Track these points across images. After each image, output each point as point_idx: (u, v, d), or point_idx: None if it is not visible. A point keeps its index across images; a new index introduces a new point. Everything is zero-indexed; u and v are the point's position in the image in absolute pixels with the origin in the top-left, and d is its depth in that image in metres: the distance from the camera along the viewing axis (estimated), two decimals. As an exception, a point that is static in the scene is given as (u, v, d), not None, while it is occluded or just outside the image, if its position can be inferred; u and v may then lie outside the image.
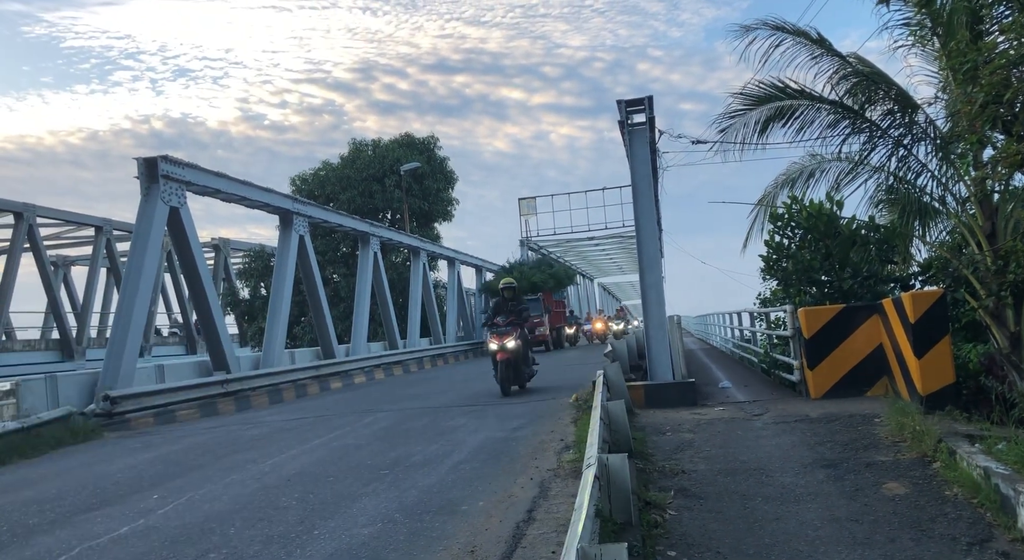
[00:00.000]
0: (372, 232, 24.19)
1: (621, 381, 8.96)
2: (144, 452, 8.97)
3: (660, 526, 4.53)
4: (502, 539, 4.36)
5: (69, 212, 29.00)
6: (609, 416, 6.32)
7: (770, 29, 9.86)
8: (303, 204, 20.25)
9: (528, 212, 41.70)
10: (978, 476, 4.57)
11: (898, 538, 4.10)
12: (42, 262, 26.55)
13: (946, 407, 6.83)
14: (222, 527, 5.03)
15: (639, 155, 10.99)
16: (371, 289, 23.85)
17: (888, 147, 9.72)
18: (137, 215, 14.04)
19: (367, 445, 8.14)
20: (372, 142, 36.76)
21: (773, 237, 11.48)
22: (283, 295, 18.11)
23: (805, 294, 10.93)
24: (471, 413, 10.21)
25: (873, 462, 5.68)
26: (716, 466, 6.02)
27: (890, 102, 9.69)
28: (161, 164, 13.90)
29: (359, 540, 4.54)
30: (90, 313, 31.61)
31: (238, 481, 6.56)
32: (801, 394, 9.36)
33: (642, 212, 10.92)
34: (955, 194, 9.59)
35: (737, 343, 17.81)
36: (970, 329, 9.94)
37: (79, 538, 4.77)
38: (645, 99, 10.91)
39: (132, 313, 13.31)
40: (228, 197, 16.77)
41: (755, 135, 10.43)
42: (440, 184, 36.69)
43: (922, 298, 7.50)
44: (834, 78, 9.80)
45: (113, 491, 6.38)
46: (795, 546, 4.10)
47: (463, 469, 6.46)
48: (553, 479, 5.78)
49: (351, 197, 33.47)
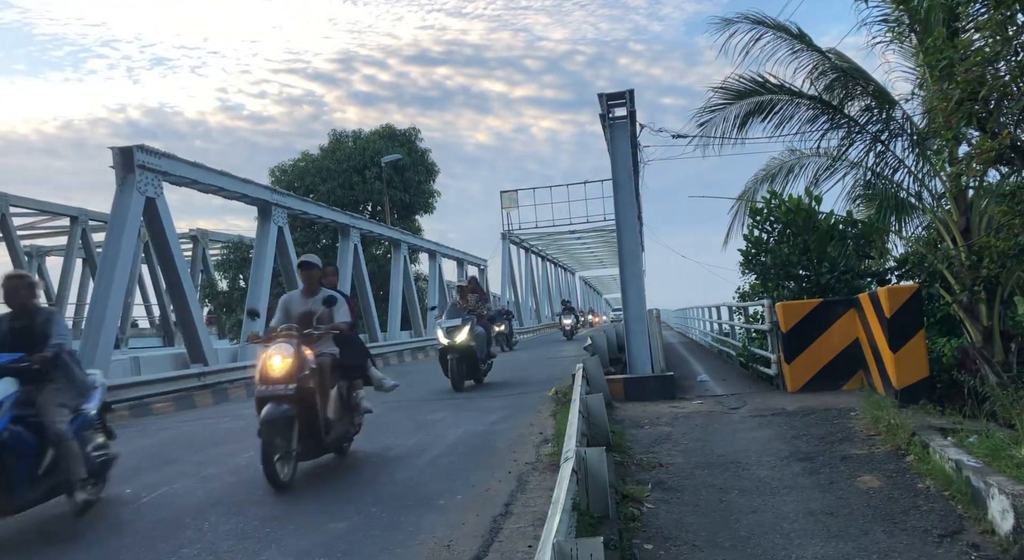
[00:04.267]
0: (352, 224, 24.05)
1: (600, 375, 8.98)
2: (118, 445, 8.81)
3: (637, 519, 4.55)
4: (479, 534, 4.35)
5: (43, 202, 28.57)
6: (588, 409, 6.33)
7: (751, 23, 9.89)
8: (282, 195, 20.08)
9: (510, 205, 41.64)
10: (950, 469, 4.63)
11: (871, 530, 4.14)
12: (15, 252, 26.16)
13: (920, 401, 6.91)
14: (196, 522, 4.98)
15: (620, 149, 10.99)
16: (351, 281, 23.72)
17: (866, 143, 9.81)
18: (112, 205, 13.84)
19: (345, 438, 8.08)
20: (353, 133, 36.56)
21: (752, 232, 11.55)
22: (262, 287, 17.95)
23: (783, 288, 11.01)
24: (451, 407, 10.19)
25: (848, 455, 5.74)
26: (693, 459, 6.05)
27: (868, 98, 9.77)
28: (137, 154, 13.71)
29: (336, 534, 4.52)
30: (65, 304, 31.20)
31: (214, 475, 6.49)
32: (778, 388, 9.43)
33: (622, 206, 10.94)
34: (931, 190, 9.70)
35: (716, 337, 17.92)
36: (944, 323, 10.07)
37: (51, 532, 4.70)
38: (626, 92, 10.91)
39: (107, 304, 13.13)
40: (205, 188, 16.57)
41: (735, 130, 10.48)
42: (421, 176, 36.56)
43: (897, 293, 7.58)
44: (813, 73, 9.87)
45: (86, 485, 6.28)
46: (770, 538, 4.13)
47: (441, 463, 6.44)
48: (531, 472, 5.78)
49: (331, 188, 33.26)
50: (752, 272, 11.87)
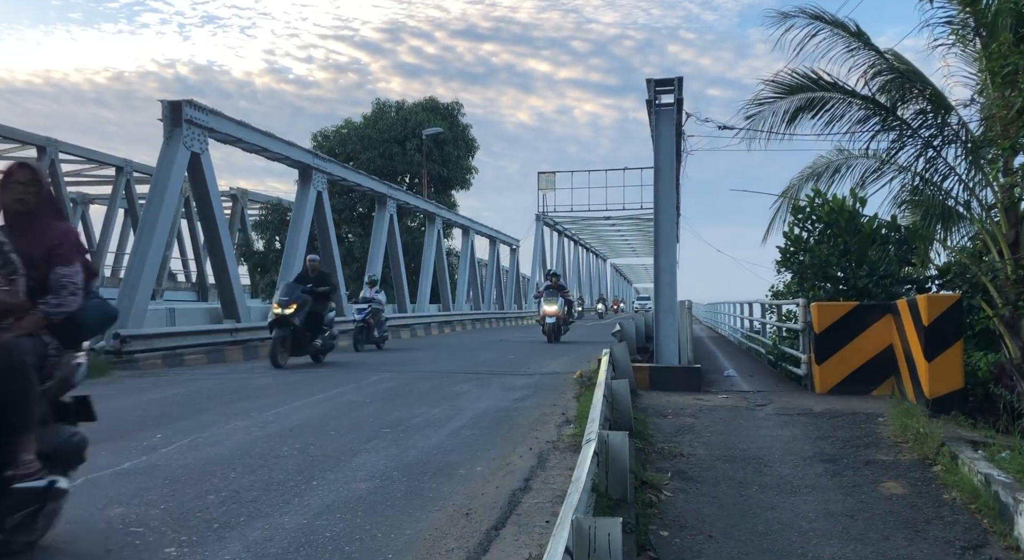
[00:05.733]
0: (390, 194, 24.17)
1: (627, 361, 8.96)
2: (151, 392, 9.09)
3: (654, 506, 4.56)
4: (497, 505, 4.40)
5: (91, 150, 29.08)
6: (612, 394, 6.33)
7: (808, 18, 9.68)
8: (324, 160, 20.22)
9: (547, 187, 41.51)
10: (979, 482, 4.56)
11: (892, 536, 4.10)
12: (62, 197, 26.67)
13: (952, 412, 6.81)
14: (223, 470, 5.10)
15: (664, 136, 10.89)
16: (384, 251, 23.89)
17: (917, 147, 9.58)
18: (159, 157, 14.07)
19: (371, 403, 8.21)
20: (396, 104, 36.62)
21: (793, 229, 11.39)
22: (297, 249, 18.16)
23: (819, 289, 10.87)
24: (475, 381, 10.27)
25: (873, 460, 5.68)
26: (715, 452, 6.03)
27: (923, 101, 9.53)
28: (186, 108, 13.90)
29: (357, 494, 4.60)
30: (105, 252, 31.85)
31: (242, 428, 6.63)
32: (806, 388, 9.35)
33: (662, 194, 10.85)
34: (981, 200, 9.46)
35: (745, 333, 17.78)
36: (982, 337, 9.86)
37: (82, 470, 4.84)
38: (675, 80, 10.78)
39: (147, 254, 13.40)
40: (250, 147, 16.76)
41: (783, 125, 10.29)
42: (461, 151, 36.59)
43: (938, 301, 7.45)
44: (868, 73, 9.64)
45: (119, 427, 6.46)
46: (788, 536, 4.12)
47: (463, 434, 6.51)
48: (552, 451, 5.81)
49: (371, 157, 33.41)
50: (788, 270, 11.73)
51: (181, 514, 4.16)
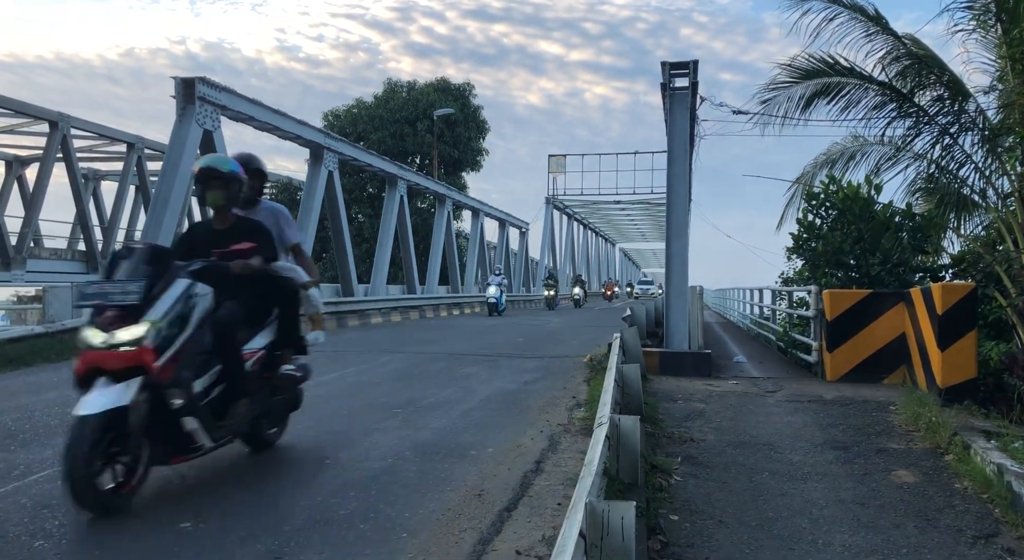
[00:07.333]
0: (400, 175, 24.13)
1: (637, 345, 8.96)
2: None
3: (665, 490, 4.58)
4: (509, 486, 4.42)
5: (103, 126, 29.05)
6: (623, 378, 6.34)
7: (826, 1, 9.57)
8: (335, 140, 20.18)
9: (557, 170, 41.36)
10: (991, 472, 4.56)
11: (902, 524, 4.11)
12: (73, 173, 26.67)
13: (964, 401, 6.79)
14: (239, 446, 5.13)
15: (678, 120, 10.81)
16: (394, 232, 23.89)
17: (933, 135, 9.49)
18: (171, 134, 14.07)
19: (382, 383, 8.25)
20: (407, 84, 36.46)
21: (806, 216, 11.33)
22: (308, 230, 18.17)
23: (831, 276, 10.82)
24: (485, 363, 10.30)
25: (884, 448, 5.68)
26: (725, 437, 6.04)
27: (941, 88, 9.42)
28: (198, 85, 13.87)
29: (370, 473, 4.63)
30: (116, 228, 31.90)
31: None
32: (817, 375, 9.33)
33: (675, 178, 10.79)
34: (997, 188, 9.39)
35: (755, 320, 17.73)
36: (995, 327, 9.82)
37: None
38: (690, 63, 10.67)
39: (160, 230, 13.43)
40: (261, 125, 16.73)
41: (798, 110, 10.21)
42: (472, 133, 36.43)
43: (952, 290, 7.40)
44: (886, 59, 9.53)
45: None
46: (797, 522, 4.13)
47: (474, 415, 6.54)
48: (563, 434, 5.83)
49: (382, 138, 33.33)
50: (801, 257, 11.67)
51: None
